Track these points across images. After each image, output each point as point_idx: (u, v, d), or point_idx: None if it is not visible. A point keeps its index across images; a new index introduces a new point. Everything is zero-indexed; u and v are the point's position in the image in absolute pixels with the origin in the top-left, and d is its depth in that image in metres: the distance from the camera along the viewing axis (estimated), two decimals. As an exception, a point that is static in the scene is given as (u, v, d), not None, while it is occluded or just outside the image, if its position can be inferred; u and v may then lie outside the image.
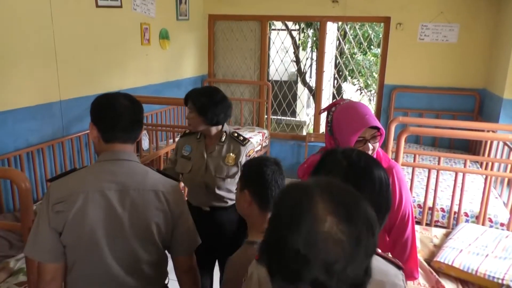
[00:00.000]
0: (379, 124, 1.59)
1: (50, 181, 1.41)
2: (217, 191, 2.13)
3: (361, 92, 8.19)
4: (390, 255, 1.21)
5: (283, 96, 5.53)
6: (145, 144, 4.01)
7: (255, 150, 2.43)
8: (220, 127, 2.17)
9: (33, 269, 1.58)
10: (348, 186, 0.78)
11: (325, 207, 0.70)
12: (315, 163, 1.76)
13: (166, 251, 1.51)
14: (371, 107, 5.54)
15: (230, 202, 2.19)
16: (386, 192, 1.05)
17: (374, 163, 1.08)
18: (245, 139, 2.19)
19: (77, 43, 3.22)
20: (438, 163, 2.74)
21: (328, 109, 1.77)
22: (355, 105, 1.68)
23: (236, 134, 2.19)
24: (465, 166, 2.78)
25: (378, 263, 1.04)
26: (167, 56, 4.51)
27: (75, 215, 1.32)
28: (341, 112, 1.68)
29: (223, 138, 2.15)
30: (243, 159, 2.12)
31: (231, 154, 2.13)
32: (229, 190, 2.16)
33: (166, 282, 1.57)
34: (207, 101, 2.07)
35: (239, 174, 2.11)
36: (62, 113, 3.14)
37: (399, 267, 1.07)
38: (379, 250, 1.14)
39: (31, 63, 2.83)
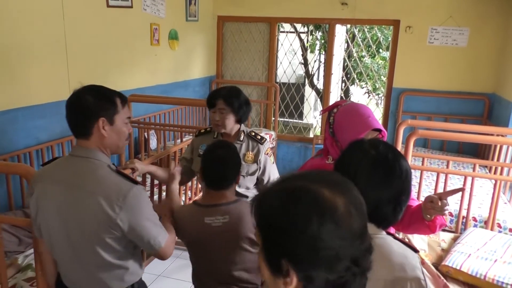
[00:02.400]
0: (381, 127, 1.62)
1: (42, 165, 1.52)
2: (237, 189, 2.15)
3: (369, 95, 8.16)
4: (406, 239, 1.25)
5: (291, 98, 5.53)
6: (153, 144, 4.03)
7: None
8: (239, 126, 2.23)
9: (41, 265, 1.61)
10: (322, 169, 0.83)
11: (329, 192, 0.73)
12: (317, 167, 1.78)
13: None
14: (379, 110, 5.52)
15: (247, 199, 2.22)
16: (410, 180, 1.16)
17: (400, 155, 1.17)
18: (262, 138, 2.24)
19: (88, 42, 3.24)
20: (447, 167, 2.72)
21: (329, 110, 1.78)
22: (357, 107, 1.70)
23: (253, 133, 2.24)
24: (474, 170, 2.76)
25: (398, 246, 1.11)
26: (175, 56, 4.54)
27: (34, 203, 1.42)
28: (343, 114, 1.69)
29: (242, 137, 2.20)
30: (262, 157, 2.18)
31: (250, 152, 2.18)
32: (248, 187, 2.20)
33: (132, 283, 1.51)
34: (240, 101, 2.15)
35: (258, 172, 2.16)
36: (72, 112, 3.16)
37: (415, 250, 1.14)
38: (397, 235, 1.18)
39: (41, 62, 2.86)
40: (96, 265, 1.41)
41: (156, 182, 2.74)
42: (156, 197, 2.88)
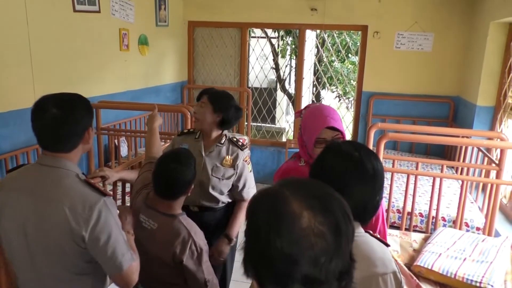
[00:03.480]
0: (338, 126, 1.63)
1: (7, 172, 1.45)
2: (211, 191, 2.14)
3: (340, 99, 8.30)
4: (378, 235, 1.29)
5: (263, 102, 5.54)
6: (123, 151, 3.94)
7: None
8: (221, 130, 2.22)
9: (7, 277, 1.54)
10: (316, 180, 0.81)
11: (299, 204, 0.71)
12: (291, 169, 1.80)
13: None
14: (350, 114, 5.61)
15: (220, 204, 2.21)
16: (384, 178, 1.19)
17: (377, 156, 1.19)
18: (243, 144, 2.25)
19: (54, 47, 3.14)
20: (416, 168, 2.79)
21: (301, 112, 1.84)
22: (320, 108, 1.76)
23: (235, 139, 2.25)
24: (442, 171, 2.84)
25: (377, 244, 1.15)
26: (146, 62, 4.46)
27: None
28: (307, 115, 1.76)
29: (223, 141, 2.20)
30: (240, 163, 2.18)
31: (228, 156, 2.17)
32: (222, 192, 2.18)
33: None
34: (224, 104, 2.14)
35: (234, 177, 2.13)
36: (37, 120, 3.05)
37: (387, 245, 1.20)
38: (371, 232, 1.22)
39: (4, 68, 2.74)
40: (56, 279, 1.34)
41: (128, 190, 2.67)
42: (128, 205, 2.81)
